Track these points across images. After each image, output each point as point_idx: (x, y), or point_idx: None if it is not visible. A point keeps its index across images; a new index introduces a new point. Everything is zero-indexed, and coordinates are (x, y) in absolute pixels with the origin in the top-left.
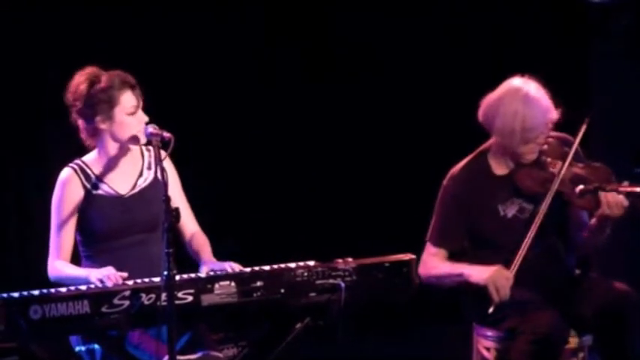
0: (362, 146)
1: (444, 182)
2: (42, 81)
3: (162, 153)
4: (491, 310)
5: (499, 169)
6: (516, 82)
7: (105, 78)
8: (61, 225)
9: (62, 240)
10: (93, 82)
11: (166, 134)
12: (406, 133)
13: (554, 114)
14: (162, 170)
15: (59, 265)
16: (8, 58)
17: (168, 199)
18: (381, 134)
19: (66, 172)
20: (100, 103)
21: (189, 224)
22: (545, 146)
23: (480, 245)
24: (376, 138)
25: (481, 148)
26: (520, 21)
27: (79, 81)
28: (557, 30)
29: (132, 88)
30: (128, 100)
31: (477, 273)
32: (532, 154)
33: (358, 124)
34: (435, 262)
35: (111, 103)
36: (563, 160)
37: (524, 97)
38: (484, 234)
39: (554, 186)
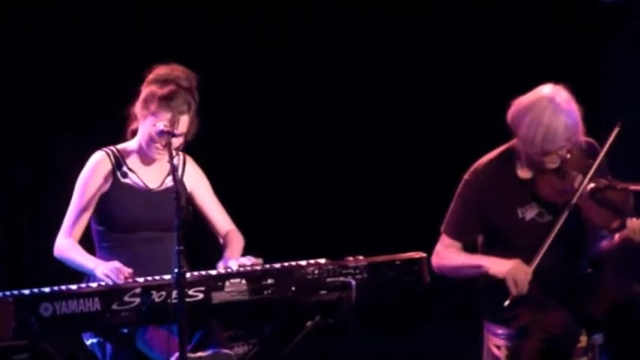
0: (374, 144)
1: (466, 175)
2: (52, 82)
3: (174, 151)
4: (507, 303)
5: (522, 172)
6: (549, 91)
7: (164, 86)
8: (81, 204)
9: (78, 219)
10: (155, 81)
11: (177, 132)
12: (418, 131)
13: (579, 132)
14: (173, 168)
15: (68, 243)
16: (19, 58)
17: (179, 197)
18: (393, 132)
19: (99, 154)
20: (144, 101)
21: (222, 223)
22: (568, 156)
23: (494, 244)
24: (388, 136)
25: (509, 145)
26: (530, 21)
27: (154, 72)
28: (568, 30)
29: (177, 112)
30: (163, 118)
31: (497, 266)
32: (553, 164)
33: (370, 121)
34: (449, 253)
35: (148, 110)
36: (585, 173)
37: (553, 110)
38: (500, 233)
39: (573, 201)
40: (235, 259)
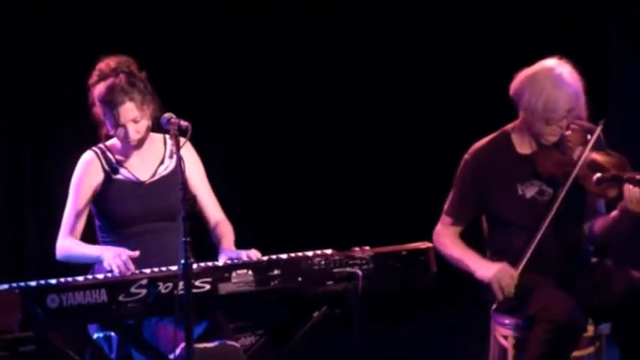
0: (380, 135)
1: (466, 155)
2: (57, 68)
3: (182, 139)
4: (494, 307)
5: (522, 147)
6: (552, 62)
7: (98, 86)
8: (77, 205)
9: (75, 220)
10: (92, 85)
11: (184, 123)
12: (423, 120)
13: (581, 105)
14: (180, 159)
15: (69, 242)
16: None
17: (185, 188)
18: (398, 123)
19: (88, 155)
20: (93, 106)
21: (213, 212)
22: (569, 132)
23: (495, 224)
24: (394, 126)
25: (506, 127)
26: (536, 7)
27: (92, 74)
28: (573, 16)
29: (131, 99)
30: (128, 111)
31: (482, 269)
32: (553, 137)
33: (376, 112)
34: (446, 239)
35: (100, 113)
36: (584, 146)
37: (555, 78)
38: (499, 212)
39: (575, 171)
40: (248, 252)
